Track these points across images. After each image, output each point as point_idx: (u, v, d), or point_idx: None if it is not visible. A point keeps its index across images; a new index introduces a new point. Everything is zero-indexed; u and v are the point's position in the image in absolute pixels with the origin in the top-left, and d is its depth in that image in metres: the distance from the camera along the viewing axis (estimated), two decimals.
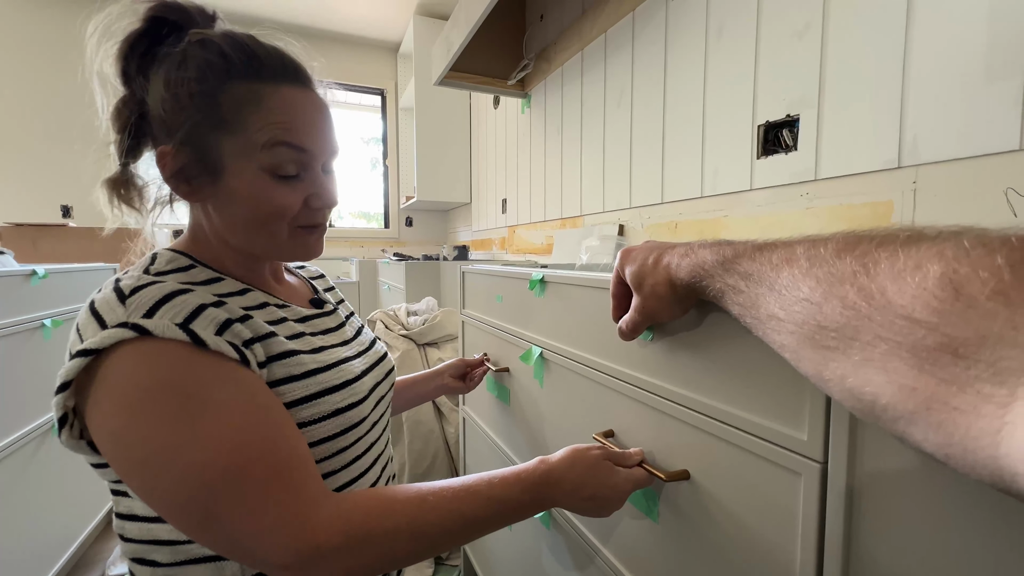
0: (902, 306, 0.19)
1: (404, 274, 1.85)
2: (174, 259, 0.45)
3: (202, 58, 0.42)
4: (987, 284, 0.17)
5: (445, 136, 2.65)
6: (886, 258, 0.21)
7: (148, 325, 0.36)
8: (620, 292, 0.47)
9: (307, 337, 0.48)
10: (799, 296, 0.25)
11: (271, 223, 0.45)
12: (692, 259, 0.37)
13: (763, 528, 0.39)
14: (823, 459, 0.34)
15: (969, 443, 0.16)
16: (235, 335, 0.40)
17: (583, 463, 0.44)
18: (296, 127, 0.44)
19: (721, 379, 0.42)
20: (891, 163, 0.78)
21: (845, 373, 0.22)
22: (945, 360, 0.17)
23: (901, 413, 0.19)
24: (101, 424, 0.36)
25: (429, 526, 0.38)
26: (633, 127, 1.38)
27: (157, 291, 0.38)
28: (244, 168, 0.43)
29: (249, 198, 0.43)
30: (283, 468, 0.37)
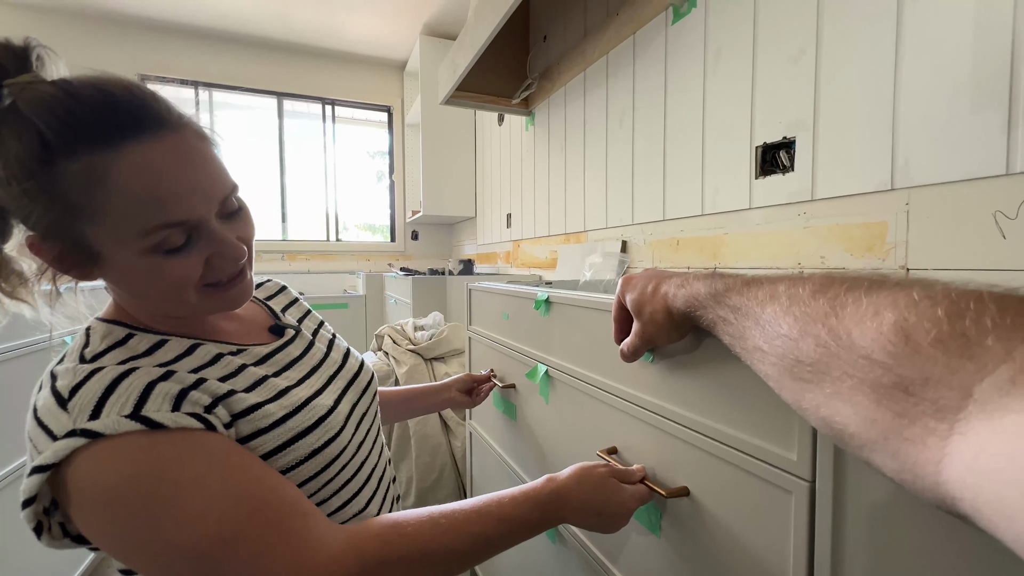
0: (863, 347, 0.22)
1: (411, 289, 1.89)
2: (109, 332, 0.41)
3: (13, 145, 0.33)
4: (929, 332, 0.19)
5: (451, 152, 2.71)
6: (852, 302, 0.24)
7: (97, 427, 0.33)
8: (621, 317, 0.50)
9: (270, 380, 0.45)
10: (779, 332, 0.28)
11: (173, 295, 0.40)
12: (687, 290, 0.39)
13: (758, 543, 0.41)
14: (811, 478, 0.36)
15: (918, 470, 0.19)
16: (193, 404, 0.38)
17: (590, 481, 0.46)
18: (163, 196, 0.36)
19: (717, 400, 0.45)
20: (884, 185, 0.81)
21: (819, 403, 0.25)
22: (899, 396, 0.20)
23: (865, 441, 0.22)
24: (86, 527, 0.35)
25: (443, 549, 0.39)
26: (635, 146, 1.41)
27: (97, 385, 0.35)
28: (122, 254, 0.38)
29: (143, 277, 0.39)
30: (277, 519, 0.36)
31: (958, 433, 0.17)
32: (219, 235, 0.40)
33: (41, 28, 2.51)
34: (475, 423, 1.20)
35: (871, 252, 0.85)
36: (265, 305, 0.57)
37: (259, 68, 2.92)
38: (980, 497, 0.16)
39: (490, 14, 1.35)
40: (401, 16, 2.59)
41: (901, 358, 0.20)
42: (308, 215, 3.19)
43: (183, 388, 0.38)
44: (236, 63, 2.87)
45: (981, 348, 0.18)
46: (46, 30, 2.52)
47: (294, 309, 0.60)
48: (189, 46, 2.77)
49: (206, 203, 0.39)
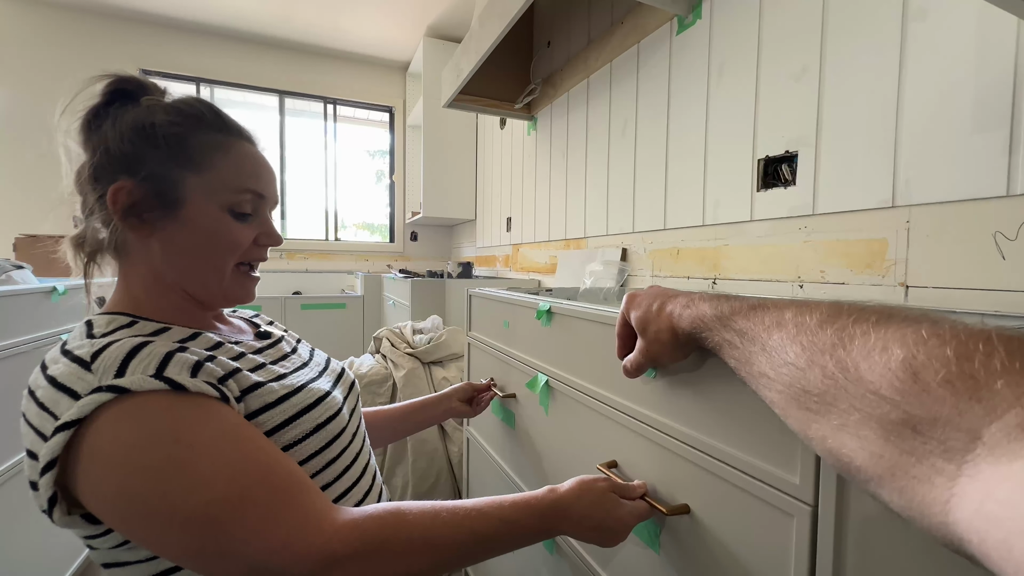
0: (871, 382, 0.22)
1: (410, 291, 1.88)
2: (112, 320, 0.44)
3: (176, 109, 0.47)
4: (938, 372, 0.19)
5: (452, 154, 2.71)
6: (860, 335, 0.24)
7: (124, 383, 0.36)
8: (625, 333, 0.50)
9: (268, 367, 0.50)
10: (786, 359, 0.28)
11: (221, 256, 0.49)
12: (693, 311, 0.40)
13: (758, 565, 0.41)
14: (814, 503, 0.36)
15: (925, 509, 0.19)
16: (209, 374, 0.41)
17: (590, 495, 0.46)
18: (256, 175, 0.50)
19: (720, 420, 0.45)
20: (886, 202, 0.81)
21: (825, 435, 0.25)
22: (906, 434, 0.20)
23: (871, 476, 0.22)
24: (96, 491, 0.36)
25: (442, 539, 0.39)
26: (637, 154, 1.42)
27: (120, 349, 0.38)
28: (205, 204, 0.47)
29: (206, 230, 0.47)
30: (283, 488, 0.38)
31: (966, 475, 0.18)
32: (269, 220, 0.53)
33: (44, 23, 2.50)
34: (473, 429, 1.20)
35: (871, 268, 0.85)
36: (247, 320, 0.63)
37: (262, 66, 2.91)
38: (987, 542, 0.16)
39: (495, 20, 1.35)
40: (405, 17, 2.59)
41: (909, 396, 0.20)
42: (307, 213, 3.18)
43: (198, 360, 0.41)
44: (239, 60, 2.86)
45: (990, 391, 0.18)
46: (49, 26, 2.50)
47: (272, 328, 0.64)
48: (192, 42, 2.76)
49: (272, 194, 0.53)
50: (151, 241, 0.47)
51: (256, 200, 0.50)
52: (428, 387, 1.45)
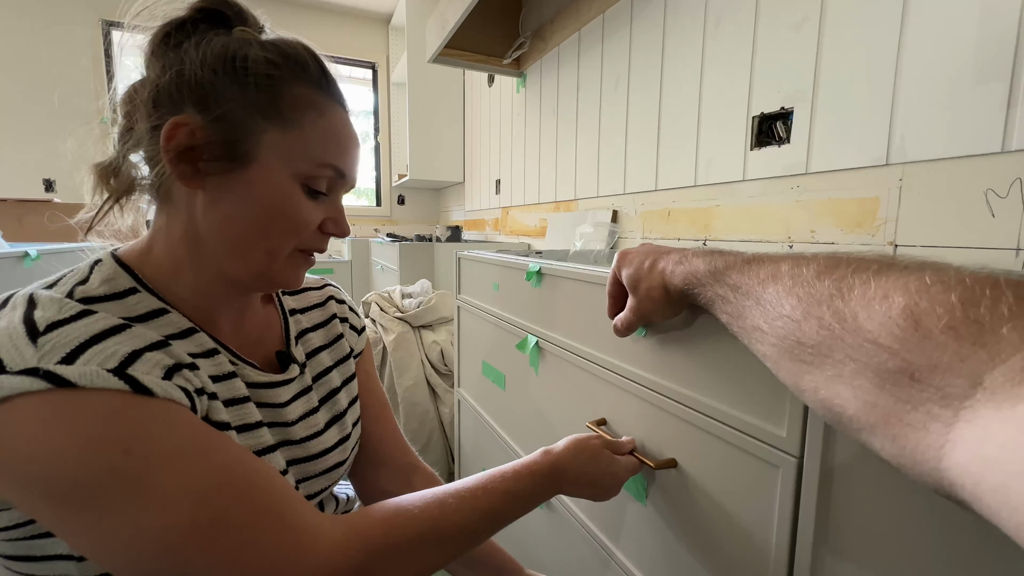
0: (869, 331, 0.22)
1: (398, 255, 1.86)
2: (113, 279, 0.37)
3: (279, 49, 0.39)
4: (941, 319, 0.19)
5: (438, 113, 2.62)
6: (859, 284, 0.23)
7: (70, 374, 0.28)
8: (616, 292, 0.49)
9: (248, 406, 0.41)
10: (781, 312, 0.28)
11: (279, 236, 0.40)
12: (686, 267, 0.39)
13: (743, 514, 0.43)
14: (799, 454, 0.37)
15: (918, 455, 0.19)
16: (185, 380, 0.34)
17: (586, 453, 0.47)
18: (343, 150, 0.42)
19: (709, 376, 0.45)
20: (879, 160, 0.80)
21: (818, 386, 0.25)
22: (903, 382, 0.20)
23: (863, 425, 0.22)
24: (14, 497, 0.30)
25: (453, 527, 0.37)
26: (629, 112, 1.38)
27: (83, 329, 0.31)
28: (279, 168, 0.38)
29: (271, 200, 0.38)
30: (266, 504, 0.32)
31: (963, 420, 0.17)
32: (341, 205, 0.45)
33: None
34: (463, 391, 1.21)
35: (861, 227, 0.85)
36: (285, 319, 0.50)
37: None
38: (982, 485, 0.16)
39: None
40: None
41: (909, 344, 0.20)
42: None
43: (177, 363, 0.34)
44: None
45: (995, 336, 0.17)
46: None
47: (316, 335, 0.52)
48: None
49: (353, 177, 0.44)
50: (198, 197, 0.38)
51: (335, 179, 0.42)
52: (418, 351, 1.45)
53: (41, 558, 0.33)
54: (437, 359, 1.45)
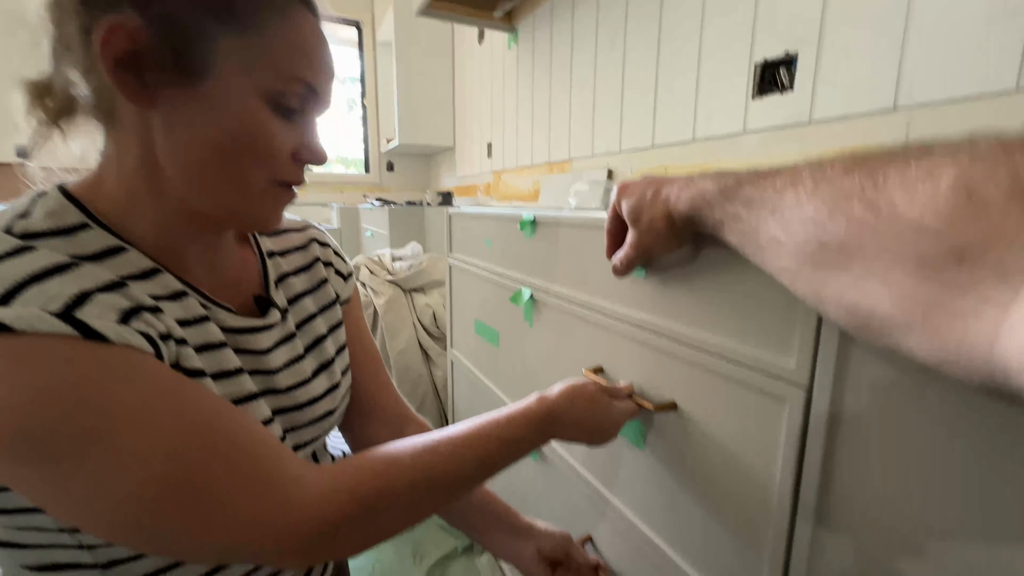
0: (909, 215, 0.19)
1: (388, 220, 1.81)
2: (58, 212, 0.32)
3: None
4: (1001, 185, 0.17)
5: (427, 74, 2.52)
6: (896, 171, 0.21)
7: (3, 316, 0.25)
8: (615, 229, 0.46)
9: (225, 351, 0.37)
10: (802, 216, 0.25)
11: (250, 163, 0.34)
12: (692, 190, 0.36)
13: (745, 454, 0.41)
14: (808, 385, 0.35)
15: (964, 347, 0.17)
16: (147, 324, 0.30)
17: (582, 398, 0.45)
18: (317, 62, 0.35)
19: (712, 313, 0.43)
20: (886, 105, 0.77)
21: (843, 290, 0.23)
22: (949, 266, 0.18)
23: (898, 323, 0.20)
24: None
25: (446, 475, 0.36)
26: (626, 65, 1.32)
27: (21, 266, 0.27)
28: (239, 82, 0.32)
29: (234, 124, 0.33)
30: (246, 457, 0.30)
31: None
32: (315, 128, 0.39)
33: None
34: (456, 351, 1.19)
35: None
36: (263, 262, 0.45)
37: None
38: None
39: None
40: None
41: (960, 220, 0.18)
42: None
43: (136, 305, 0.30)
44: None
45: None
46: None
47: (298, 280, 0.48)
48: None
49: (328, 94, 0.38)
50: (152, 117, 0.32)
51: (307, 96, 0.35)
52: (410, 314, 1.42)
53: (13, 511, 0.31)
54: (429, 322, 1.42)
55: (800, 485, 0.37)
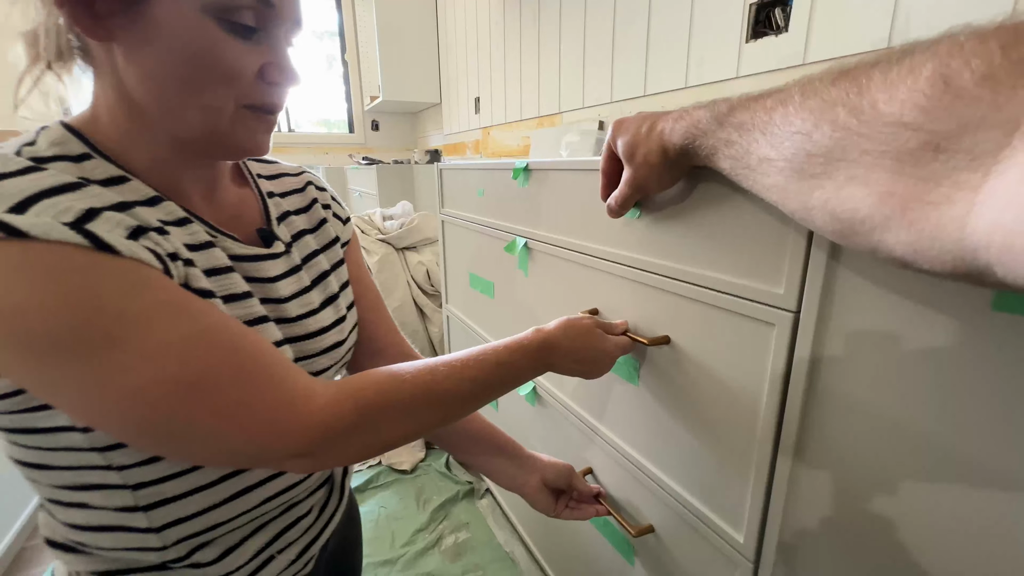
0: (890, 113, 0.20)
1: (376, 179, 1.78)
2: (62, 142, 0.33)
3: None
4: (976, 71, 0.17)
5: (409, 26, 2.41)
6: (879, 72, 0.22)
7: (20, 223, 0.25)
8: (610, 169, 0.47)
9: (233, 275, 0.38)
10: (791, 131, 0.26)
11: (211, 91, 0.33)
12: (687, 120, 0.36)
13: (736, 378, 0.43)
14: (796, 309, 0.37)
15: (938, 232, 0.18)
16: (154, 243, 0.31)
17: (576, 330, 0.47)
18: None
19: (705, 247, 0.44)
20: (880, 43, 0.76)
21: (828, 197, 0.24)
22: (926, 158, 0.19)
23: (878, 221, 0.21)
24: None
25: (444, 392, 0.38)
26: (616, 10, 1.28)
27: (32, 182, 0.28)
28: (180, 6, 0.31)
29: (184, 47, 0.31)
30: (255, 365, 0.31)
31: (994, 175, 0.16)
32: (283, 45, 0.35)
33: None
34: (452, 307, 1.20)
35: None
36: (263, 201, 0.45)
37: None
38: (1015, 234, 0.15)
39: None
40: None
41: (937, 110, 0.18)
42: None
43: (142, 225, 0.31)
44: None
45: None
46: None
47: (299, 219, 0.48)
48: None
49: (289, 5, 0.34)
50: (112, 49, 0.32)
51: (261, 9, 0.32)
52: (404, 272, 1.43)
53: (44, 430, 0.32)
54: (423, 279, 1.43)
55: (785, 408, 0.39)
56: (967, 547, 0.29)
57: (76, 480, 0.34)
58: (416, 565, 1.08)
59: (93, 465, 0.33)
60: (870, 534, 0.35)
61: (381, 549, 1.12)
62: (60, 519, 0.36)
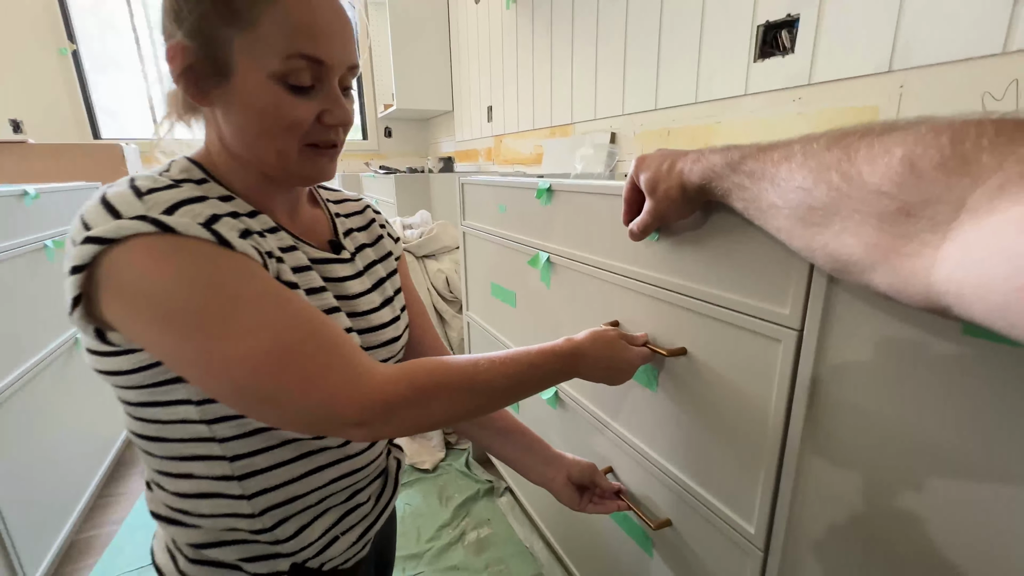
0: (873, 183, 0.26)
1: (394, 188, 1.84)
2: (189, 169, 0.43)
3: None
4: (933, 159, 0.23)
5: (423, 35, 2.47)
6: (864, 147, 0.27)
7: (171, 222, 0.34)
8: (632, 198, 0.52)
9: (311, 273, 0.46)
10: (794, 185, 0.31)
11: (280, 137, 0.42)
12: (704, 163, 0.42)
13: (744, 388, 0.49)
14: (800, 327, 0.42)
15: (911, 278, 0.24)
16: (257, 243, 0.40)
17: (603, 340, 0.52)
18: (314, 33, 0.39)
19: (718, 270, 0.49)
20: (882, 67, 0.81)
21: (827, 241, 0.29)
22: (900, 220, 0.24)
23: (867, 265, 0.26)
24: (127, 322, 0.36)
25: (483, 383, 0.43)
26: (628, 25, 1.33)
27: (176, 194, 0.37)
28: (254, 72, 0.39)
29: (258, 107, 0.40)
30: (330, 344, 0.38)
31: (948, 240, 0.22)
32: (336, 93, 0.43)
33: None
34: (472, 313, 1.26)
35: None
36: (332, 219, 0.54)
37: None
38: (964, 285, 0.20)
39: None
40: None
41: (906, 186, 0.24)
42: None
43: (248, 229, 0.40)
44: None
45: (977, 165, 0.21)
46: None
47: (361, 235, 0.57)
48: None
49: (341, 57, 0.42)
50: (214, 110, 0.42)
51: (314, 68, 0.40)
52: (424, 279, 1.49)
53: (165, 403, 0.40)
54: (443, 286, 1.49)
55: (791, 413, 0.45)
56: (956, 534, 0.34)
57: (184, 451, 0.41)
58: (442, 559, 1.14)
59: (200, 437, 0.41)
60: (867, 524, 0.40)
61: (408, 543, 1.18)
62: (169, 489, 0.43)
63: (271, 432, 0.43)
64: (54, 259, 1.20)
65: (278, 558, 0.46)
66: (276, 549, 0.45)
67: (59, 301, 1.29)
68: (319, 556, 0.48)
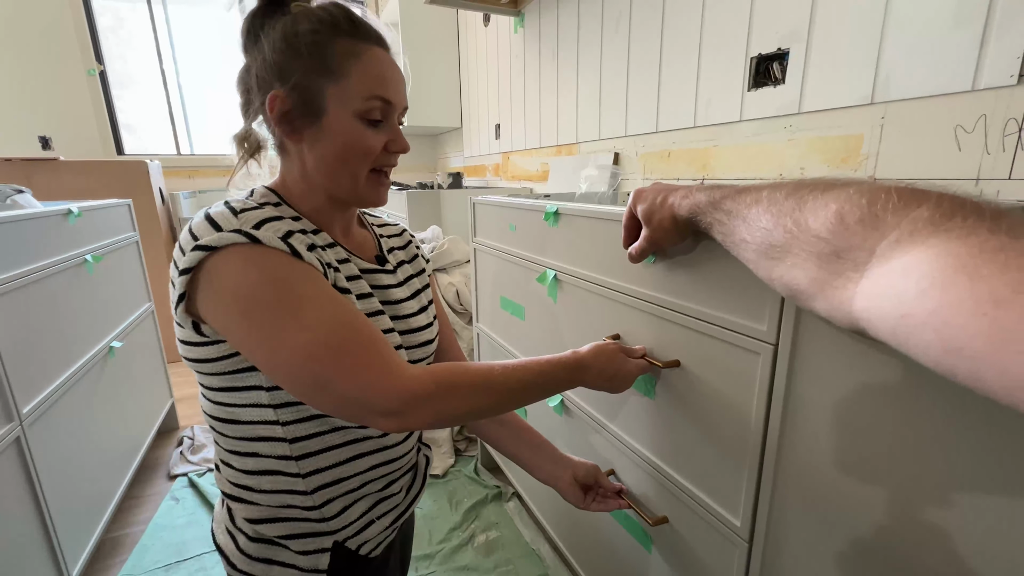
0: (815, 229, 0.32)
1: (406, 203, 1.92)
2: (267, 195, 0.53)
3: (316, 17, 0.50)
4: (856, 215, 0.29)
5: (433, 55, 2.57)
6: (811, 200, 0.33)
7: (258, 235, 0.44)
8: (630, 225, 0.59)
9: (361, 281, 0.54)
10: (760, 226, 0.38)
11: (356, 162, 0.52)
12: (691, 200, 0.48)
13: (731, 394, 0.55)
14: (775, 342, 0.48)
15: (840, 306, 0.30)
16: (319, 255, 0.49)
17: (605, 354, 0.58)
18: (385, 80, 0.51)
19: (706, 290, 0.56)
20: (865, 99, 0.87)
21: (782, 274, 0.35)
22: (833, 260, 0.30)
23: (811, 294, 0.33)
24: (217, 314, 0.44)
25: (498, 384, 0.49)
26: (631, 53, 1.41)
27: (260, 214, 0.47)
28: (342, 112, 0.50)
29: (344, 139, 0.50)
30: (371, 343, 0.45)
31: (864, 277, 0.28)
32: (397, 127, 0.55)
33: None
34: (482, 325, 1.33)
35: (846, 163, 0.94)
36: (377, 239, 0.64)
37: None
38: (873, 314, 0.27)
39: None
40: None
41: (837, 234, 0.30)
42: None
43: (313, 243, 0.49)
44: None
45: (884, 222, 0.27)
46: None
47: (400, 253, 0.66)
48: None
49: (401, 99, 0.54)
50: (302, 145, 0.52)
51: (385, 107, 0.51)
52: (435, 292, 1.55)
53: (241, 388, 0.48)
54: (453, 299, 1.56)
55: (770, 413, 0.51)
56: (914, 520, 0.40)
57: (253, 433, 0.50)
58: (453, 559, 1.20)
59: (267, 420, 0.49)
60: (840, 514, 0.46)
61: (420, 544, 1.23)
62: (236, 467, 0.52)
63: (324, 419, 0.51)
64: (93, 272, 1.28)
65: (322, 536, 0.53)
66: (321, 527, 0.53)
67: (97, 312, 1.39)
68: (356, 537, 0.55)
